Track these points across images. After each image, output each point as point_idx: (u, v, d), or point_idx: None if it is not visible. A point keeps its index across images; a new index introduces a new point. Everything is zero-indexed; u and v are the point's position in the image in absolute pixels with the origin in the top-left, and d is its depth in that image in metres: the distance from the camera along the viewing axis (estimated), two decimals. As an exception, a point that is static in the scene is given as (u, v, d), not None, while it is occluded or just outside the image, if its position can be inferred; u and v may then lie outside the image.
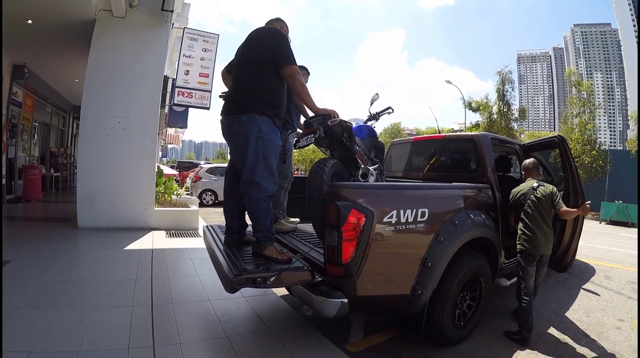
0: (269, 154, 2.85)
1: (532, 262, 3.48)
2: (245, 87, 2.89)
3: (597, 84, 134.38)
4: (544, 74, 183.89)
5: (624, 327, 3.79)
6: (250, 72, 2.89)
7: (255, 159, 2.80)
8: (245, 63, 2.95)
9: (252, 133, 2.79)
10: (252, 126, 2.79)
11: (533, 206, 3.50)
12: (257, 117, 2.81)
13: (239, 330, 3.08)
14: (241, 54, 3.02)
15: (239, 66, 3.01)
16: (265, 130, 2.83)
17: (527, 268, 3.48)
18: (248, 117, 2.80)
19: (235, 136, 2.88)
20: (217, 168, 15.26)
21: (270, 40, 2.91)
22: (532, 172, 3.79)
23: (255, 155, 2.80)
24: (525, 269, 3.49)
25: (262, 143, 2.81)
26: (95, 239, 5.81)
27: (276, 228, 3.66)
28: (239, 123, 2.82)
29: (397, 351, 3.06)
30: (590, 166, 17.83)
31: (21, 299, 3.27)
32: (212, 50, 8.89)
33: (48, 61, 9.48)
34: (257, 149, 2.80)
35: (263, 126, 2.82)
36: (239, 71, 3.00)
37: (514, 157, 5.02)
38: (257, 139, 2.80)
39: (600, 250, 8.19)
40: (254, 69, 2.88)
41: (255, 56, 2.89)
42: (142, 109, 6.96)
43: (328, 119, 3.21)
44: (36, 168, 10.28)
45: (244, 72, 2.95)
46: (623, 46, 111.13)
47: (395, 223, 2.63)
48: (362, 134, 4.10)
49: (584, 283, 5.26)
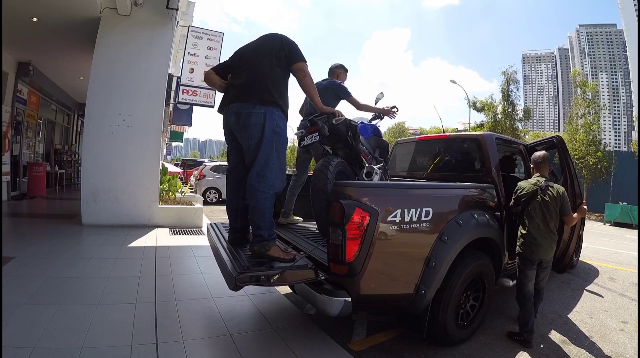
0: (282, 151, 2.84)
1: (531, 266, 3.40)
2: (263, 79, 2.82)
3: (602, 85, 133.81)
4: (548, 75, 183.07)
5: (628, 329, 3.77)
6: (270, 65, 2.85)
7: (269, 153, 2.76)
8: (265, 56, 2.89)
9: (270, 127, 2.76)
10: (271, 119, 2.76)
11: (538, 209, 3.39)
12: (275, 110, 2.79)
13: (242, 327, 3.08)
14: (256, 48, 2.98)
15: (255, 58, 2.93)
16: (281, 125, 2.82)
17: (525, 271, 3.41)
18: (267, 110, 2.76)
19: (250, 128, 2.77)
20: (221, 166, 15.28)
21: (289, 41, 2.94)
22: (541, 166, 3.62)
23: (269, 149, 2.76)
24: (524, 272, 3.41)
25: (278, 138, 2.80)
26: (99, 236, 5.84)
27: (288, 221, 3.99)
28: (257, 114, 2.75)
29: (400, 350, 3.05)
30: (595, 167, 17.76)
31: (25, 295, 3.28)
32: (216, 48, 8.88)
33: (53, 59, 9.51)
34: (272, 143, 2.77)
35: (279, 121, 2.81)
36: (254, 62, 2.91)
37: (518, 157, 5.00)
38: (274, 134, 2.78)
39: (604, 252, 8.15)
40: (274, 63, 2.86)
41: (277, 51, 2.88)
42: (146, 106, 6.97)
43: (333, 117, 3.22)
44: (41, 165, 10.32)
45: (261, 64, 2.87)
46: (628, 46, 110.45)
47: (400, 222, 2.62)
48: (367, 133, 4.10)
49: (588, 285, 5.24)
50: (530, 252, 3.36)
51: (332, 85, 4.06)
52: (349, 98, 4.05)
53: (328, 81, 4.12)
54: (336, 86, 4.06)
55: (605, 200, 16.49)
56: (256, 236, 2.77)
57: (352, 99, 4.08)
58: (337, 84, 4.08)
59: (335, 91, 4.03)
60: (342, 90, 4.05)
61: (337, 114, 3.25)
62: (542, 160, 3.65)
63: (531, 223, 3.39)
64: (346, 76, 4.32)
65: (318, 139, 3.26)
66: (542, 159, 3.65)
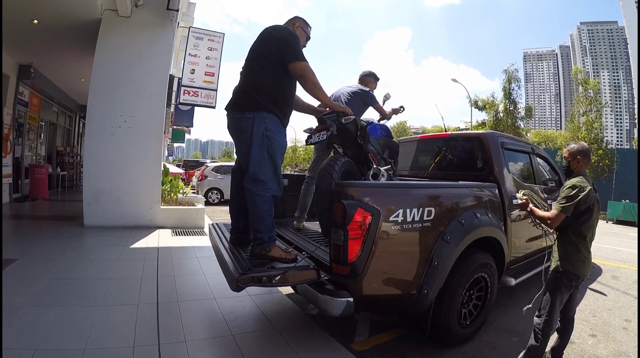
0: (275, 154, 2.81)
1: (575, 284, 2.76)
2: (253, 84, 2.82)
3: (604, 83, 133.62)
4: (550, 73, 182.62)
5: (631, 327, 3.75)
6: (260, 69, 2.83)
7: (261, 157, 2.75)
8: (256, 59, 2.88)
9: (259, 131, 2.74)
10: (259, 124, 2.74)
11: (595, 217, 2.78)
12: (265, 115, 2.76)
13: (244, 328, 3.07)
14: (252, 50, 2.95)
15: (249, 62, 2.93)
16: (272, 129, 2.78)
17: (564, 292, 2.73)
18: (256, 115, 2.75)
19: (242, 133, 2.82)
20: (223, 166, 15.29)
21: (279, 37, 2.85)
22: (585, 162, 2.88)
23: (261, 153, 2.75)
24: (563, 294, 2.73)
25: (269, 141, 2.76)
26: (101, 237, 5.84)
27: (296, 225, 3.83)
28: (246, 120, 2.77)
29: (402, 350, 3.04)
30: (597, 165, 17.72)
31: (27, 297, 3.28)
32: (217, 49, 8.90)
33: (54, 61, 9.52)
34: (263, 147, 2.75)
35: (270, 124, 2.77)
36: (248, 66, 2.93)
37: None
38: (264, 138, 2.75)
39: (607, 250, 8.12)
40: (264, 66, 2.82)
41: (266, 52, 2.83)
42: (147, 108, 6.98)
43: (342, 116, 3.20)
44: (43, 166, 10.36)
45: (253, 68, 2.88)
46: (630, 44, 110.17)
47: (402, 222, 2.61)
48: (377, 133, 4.10)
49: (591, 283, 5.22)
50: (585, 269, 2.74)
51: (361, 91, 4.10)
52: (375, 105, 4.14)
53: (357, 87, 4.16)
54: (364, 93, 4.11)
55: (607, 198, 16.44)
56: (256, 239, 2.78)
57: (378, 106, 4.17)
58: (366, 92, 4.14)
59: (363, 97, 4.09)
60: (370, 98, 4.12)
61: (347, 112, 3.24)
62: (589, 152, 2.94)
63: (590, 236, 2.79)
64: (376, 84, 4.39)
65: (325, 138, 3.24)
66: (589, 151, 2.94)
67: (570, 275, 2.69)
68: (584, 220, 2.72)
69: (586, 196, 2.66)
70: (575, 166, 2.89)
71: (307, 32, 3.33)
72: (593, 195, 2.73)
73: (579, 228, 2.72)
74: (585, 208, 2.68)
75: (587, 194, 2.66)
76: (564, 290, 2.71)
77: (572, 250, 2.71)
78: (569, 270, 2.69)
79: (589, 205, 2.70)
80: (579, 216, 2.70)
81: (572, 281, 2.70)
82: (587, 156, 2.87)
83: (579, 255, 2.70)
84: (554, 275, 2.77)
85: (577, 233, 2.72)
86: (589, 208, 2.70)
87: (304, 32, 3.28)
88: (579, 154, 2.85)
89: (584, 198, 2.65)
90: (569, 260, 2.70)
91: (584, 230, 2.73)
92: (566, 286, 2.70)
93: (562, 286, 2.70)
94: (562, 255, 2.74)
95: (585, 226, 2.73)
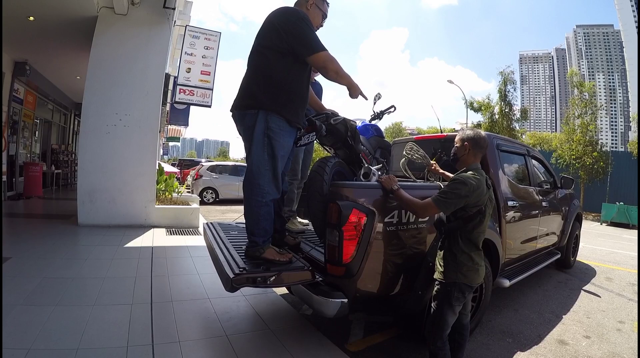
0: (278, 155, 2.62)
1: (468, 294, 2.42)
2: (258, 78, 2.61)
3: (599, 86, 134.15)
4: (546, 75, 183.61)
5: (625, 328, 3.77)
6: (266, 61, 2.61)
7: (260, 158, 2.58)
8: (260, 50, 2.65)
9: (260, 130, 2.57)
10: (261, 122, 2.56)
11: (487, 220, 2.46)
12: (269, 113, 2.56)
13: (238, 328, 3.07)
14: (259, 38, 2.70)
15: (253, 53, 2.70)
16: (275, 128, 2.58)
17: (456, 305, 2.37)
18: (259, 113, 2.57)
19: (246, 131, 2.66)
20: (218, 166, 15.28)
21: (291, 25, 2.57)
22: (475, 153, 2.51)
23: (261, 154, 2.58)
24: (454, 307, 2.36)
25: (269, 142, 2.58)
26: (95, 236, 5.82)
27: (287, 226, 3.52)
28: (250, 116, 2.60)
29: (397, 351, 3.05)
30: (592, 167, 17.77)
31: (20, 296, 3.26)
32: (213, 48, 8.90)
33: (49, 58, 9.47)
34: (264, 147, 2.58)
35: (274, 123, 2.58)
36: (252, 59, 2.70)
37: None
38: (265, 137, 2.57)
39: (601, 252, 8.16)
40: (271, 57, 2.59)
41: (273, 42, 2.59)
42: (143, 106, 6.95)
43: (332, 117, 3.20)
44: (37, 164, 10.28)
45: (257, 60, 2.66)
46: (625, 47, 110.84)
47: (397, 223, 2.62)
48: (368, 133, 4.09)
49: (585, 285, 5.24)
50: (478, 277, 2.39)
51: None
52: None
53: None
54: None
55: (602, 200, 16.53)
56: (250, 241, 2.69)
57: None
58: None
59: None
60: None
61: (336, 113, 3.24)
62: (481, 142, 2.52)
63: (481, 240, 2.45)
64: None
65: (315, 139, 3.23)
66: (481, 141, 2.52)
67: (462, 287, 2.33)
68: (475, 225, 2.36)
69: (476, 197, 2.32)
70: (462, 155, 2.51)
71: (324, 9, 3.00)
72: (486, 195, 2.39)
73: (469, 234, 2.36)
74: (476, 211, 2.35)
75: (478, 195, 2.32)
76: (456, 303, 2.34)
77: (464, 260, 2.34)
78: (460, 282, 2.33)
79: (480, 208, 2.36)
80: (468, 221, 2.35)
81: (464, 293, 2.35)
82: (478, 147, 2.48)
83: (471, 264, 2.34)
84: (443, 288, 2.38)
85: (468, 241, 2.36)
86: (480, 211, 2.36)
87: (320, 10, 2.96)
88: (469, 141, 2.48)
89: (473, 199, 2.31)
90: (460, 270, 2.33)
91: (475, 237, 2.38)
92: (458, 299, 2.34)
93: (452, 299, 2.33)
94: (451, 265, 2.36)
95: (477, 231, 2.38)
